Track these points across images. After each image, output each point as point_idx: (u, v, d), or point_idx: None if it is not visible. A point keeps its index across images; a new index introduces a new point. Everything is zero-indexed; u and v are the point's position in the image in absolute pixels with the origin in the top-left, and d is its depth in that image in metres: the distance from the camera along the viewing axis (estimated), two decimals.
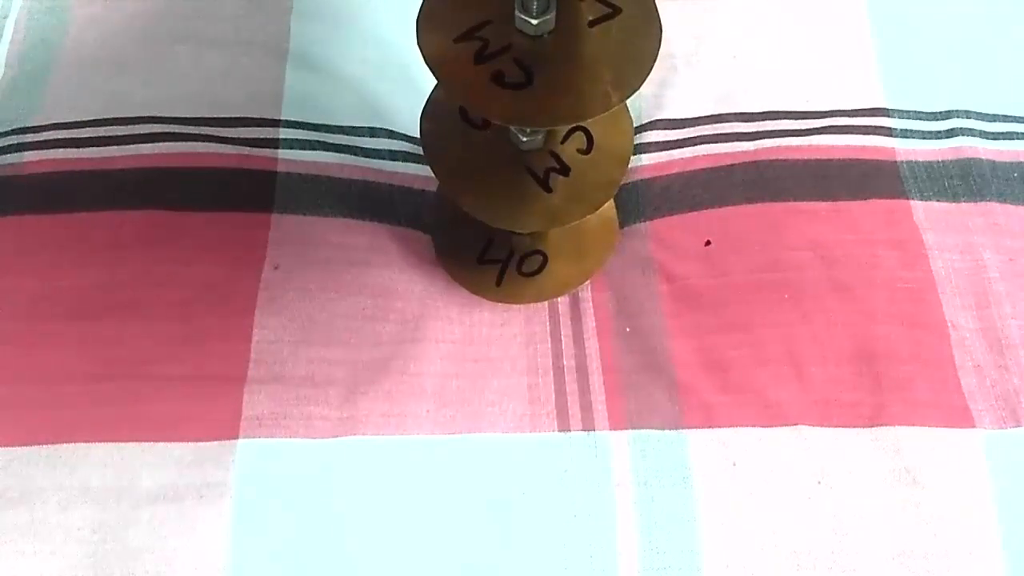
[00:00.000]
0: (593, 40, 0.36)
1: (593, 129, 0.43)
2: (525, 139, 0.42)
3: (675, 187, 0.50)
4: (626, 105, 0.43)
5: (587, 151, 0.43)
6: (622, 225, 0.49)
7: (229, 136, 0.50)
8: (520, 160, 0.43)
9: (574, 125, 0.43)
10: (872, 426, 0.44)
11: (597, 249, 0.48)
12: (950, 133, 0.52)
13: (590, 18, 0.36)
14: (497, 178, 0.43)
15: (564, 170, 0.43)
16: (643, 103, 0.53)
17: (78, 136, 0.50)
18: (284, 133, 0.51)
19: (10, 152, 0.49)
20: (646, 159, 0.51)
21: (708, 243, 0.48)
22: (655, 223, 0.49)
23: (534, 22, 0.35)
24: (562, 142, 0.43)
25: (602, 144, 0.43)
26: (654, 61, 0.35)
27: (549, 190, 0.42)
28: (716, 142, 0.52)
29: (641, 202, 0.50)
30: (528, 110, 0.35)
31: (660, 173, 0.51)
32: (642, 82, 0.35)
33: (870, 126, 0.52)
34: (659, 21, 0.36)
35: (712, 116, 0.53)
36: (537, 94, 0.35)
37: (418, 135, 0.43)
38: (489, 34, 0.36)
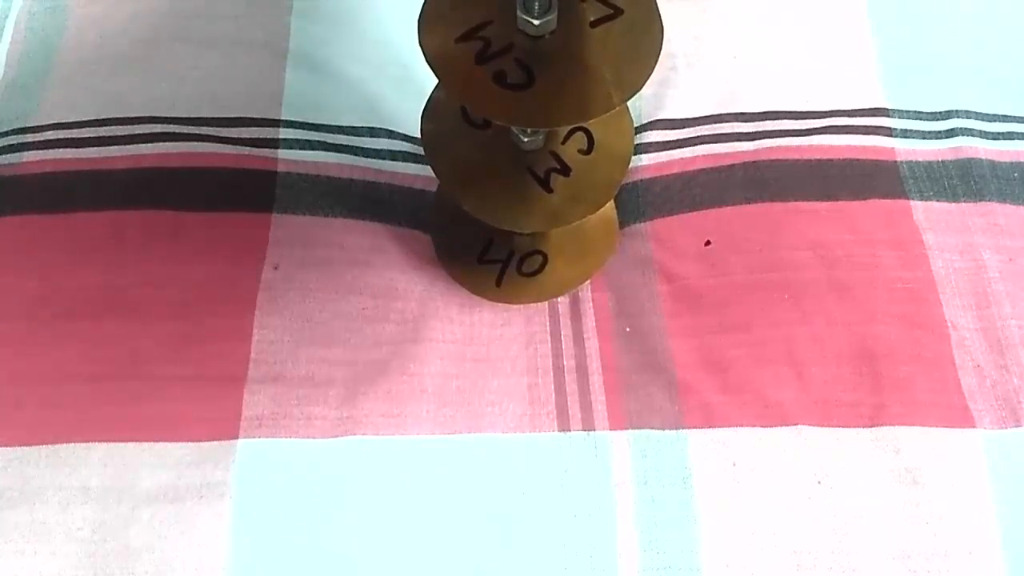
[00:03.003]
0: (595, 40, 0.36)
1: (594, 129, 0.43)
2: (526, 139, 0.42)
3: (675, 187, 0.50)
4: (627, 105, 0.43)
5: (588, 151, 0.43)
6: (622, 225, 0.49)
7: (229, 136, 0.50)
8: (521, 160, 0.43)
9: (575, 125, 0.43)
10: (872, 426, 0.44)
11: (597, 249, 0.48)
12: (950, 133, 0.52)
13: (592, 18, 0.36)
14: (498, 178, 0.43)
15: (565, 170, 0.43)
16: (643, 103, 0.53)
17: (78, 136, 0.50)
18: (284, 133, 0.51)
19: (9, 152, 0.49)
20: (646, 159, 0.51)
21: (708, 243, 0.48)
22: (655, 223, 0.49)
23: (536, 22, 0.34)
24: (563, 142, 0.43)
25: (603, 144, 0.43)
26: (656, 61, 0.35)
27: (550, 190, 0.42)
28: (716, 142, 0.52)
29: (641, 202, 0.50)
30: (530, 110, 0.35)
31: (660, 173, 0.51)
32: (644, 82, 0.35)
33: (870, 126, 0.52)
34: (660, 21, 0.36)
35: (712, 116, 0.52)
36: (539, 94, 0.35)
37: (418, 135, 0.43)
38: (491, 34, 0.35)
